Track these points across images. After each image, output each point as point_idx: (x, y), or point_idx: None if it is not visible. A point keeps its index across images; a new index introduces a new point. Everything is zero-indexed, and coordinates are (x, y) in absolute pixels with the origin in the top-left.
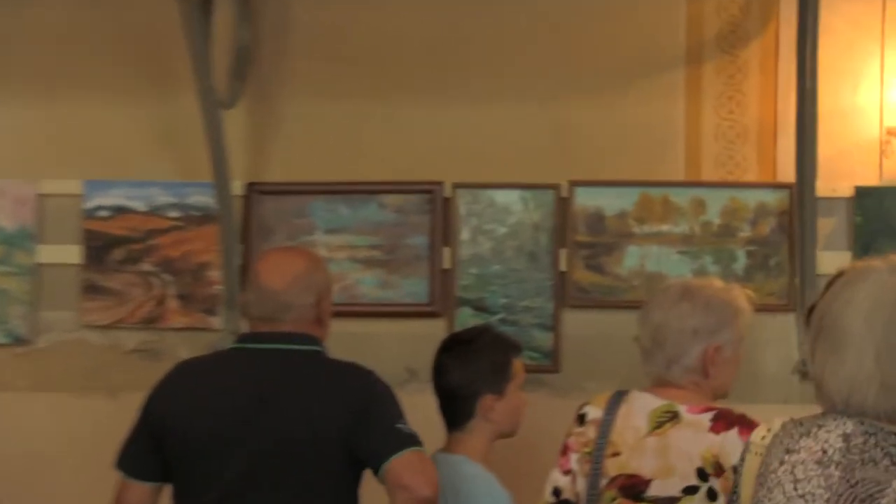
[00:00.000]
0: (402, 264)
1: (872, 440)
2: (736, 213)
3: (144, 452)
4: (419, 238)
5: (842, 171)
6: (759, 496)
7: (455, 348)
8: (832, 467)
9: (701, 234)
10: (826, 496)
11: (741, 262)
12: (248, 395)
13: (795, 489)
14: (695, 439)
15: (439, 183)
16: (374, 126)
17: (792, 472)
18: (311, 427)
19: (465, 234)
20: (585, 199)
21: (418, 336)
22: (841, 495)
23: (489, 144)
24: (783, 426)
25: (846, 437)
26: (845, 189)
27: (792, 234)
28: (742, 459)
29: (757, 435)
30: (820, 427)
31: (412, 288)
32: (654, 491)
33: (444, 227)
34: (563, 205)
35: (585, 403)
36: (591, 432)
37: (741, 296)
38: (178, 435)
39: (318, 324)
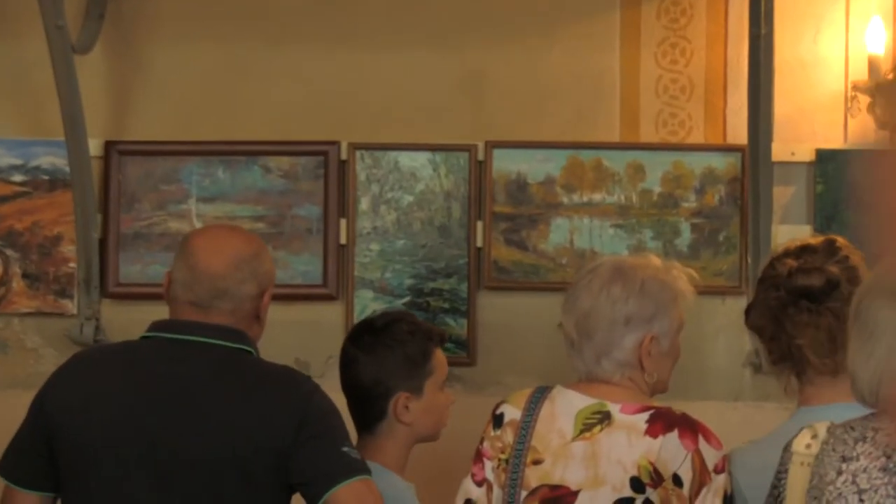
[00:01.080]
0: (291, 239)
1: None
2: (679, 180)
3: (33, 457)
4: (311, 208)
5: (801, 132)
6: None
7: (365, 338)
8: None
9: (639, 204)
10: None
11: (685, 236)
12: (160, 398)
13: (861, 501)
14: (629, 444)
15: (334, 143)
16: (257, 76)
17: (854, 483)
18: (234, 441)
19: (364, 204)
20: (505, 164)
21: (310, 322)
22: None
23: (393, 99)
24: (830, 432)
25: None
26: (805, 153)
27: (744, 204)
28: (784, 472)
29: (800, 444)
30: (876, 430)
31: (303, 266)
32: None
33: (339, 196)
34: (479, 170)
35: (502, 402)
36: (508, 436)
37: (681, 276)
38: (69, 439)
39: (255, 320)
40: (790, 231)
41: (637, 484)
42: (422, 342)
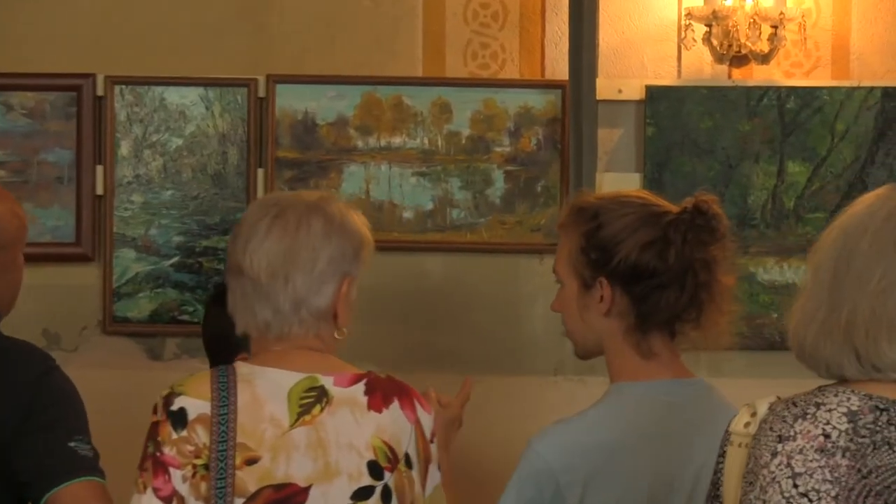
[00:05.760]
0: (38, 189)
1: (885, 417)
2: (491, 121)
3: None
4: (61, 153)
5: (629, 67)
6: (750, 498)
7: (219, 289)
8: (838, 455)
9: (445, 148)
10: (834, 492)
11: (498, 185)
12: None
13: (795, 486)
14: (356, 423)
15: (88, 76)
16: None
17: (789, 465)
18: None
19: (125, 149)
20: (290, 101)
21: (61, 287)
22: (852, 489)
23: (158, 25)
24: (771, 409)
25: (852, 416)
26: (633, 90)
27: (565, 149)
28: (721, 455)
29: (738, 423)
30: (818, 406)
31: (52, 222)
32: (315, 502)
33: (95, 139)
34: (259, 108)
35: (174, 393)
36: (201, 436)
37: (362, 219)
38: None
39: None
40: (617, 179)
41: (375, 469)
42: None
